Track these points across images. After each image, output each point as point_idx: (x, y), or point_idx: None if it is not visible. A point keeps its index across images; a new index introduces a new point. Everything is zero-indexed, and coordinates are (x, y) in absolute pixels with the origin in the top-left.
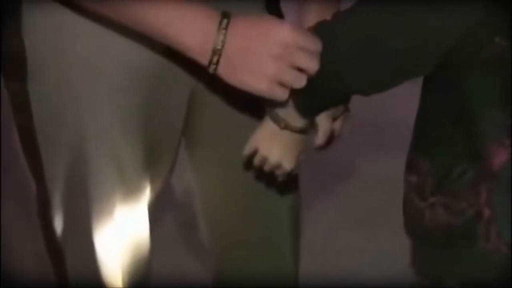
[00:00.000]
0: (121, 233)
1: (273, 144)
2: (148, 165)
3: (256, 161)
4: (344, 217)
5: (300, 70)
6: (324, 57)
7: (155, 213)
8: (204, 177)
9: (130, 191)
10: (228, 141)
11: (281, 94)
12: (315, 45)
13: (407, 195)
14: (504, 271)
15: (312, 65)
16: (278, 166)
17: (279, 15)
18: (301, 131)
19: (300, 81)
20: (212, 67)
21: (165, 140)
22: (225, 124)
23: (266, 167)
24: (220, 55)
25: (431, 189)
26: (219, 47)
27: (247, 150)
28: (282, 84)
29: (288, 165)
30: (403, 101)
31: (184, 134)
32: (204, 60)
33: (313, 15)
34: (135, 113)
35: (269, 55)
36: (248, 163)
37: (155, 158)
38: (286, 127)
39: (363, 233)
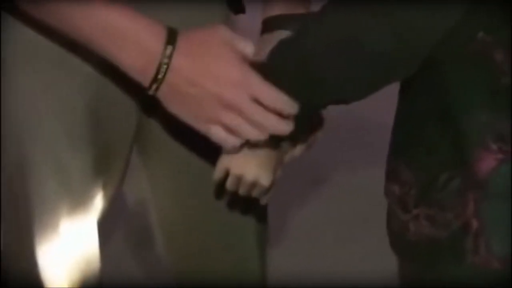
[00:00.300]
0: (68, 248)
1: (246, 162)
2: (97, 173)
3: (230, 183)
4: (329, 220)
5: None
6: (294, 59)
7: (105, 226)
8: (159, 185)
9: (77, 202)
10: (185, 144)
11: (232, 142)
12: (284, 104)
13: (390, 207)
14: (495, 284)
15: (277, 127)
16: (255, 184)
17: (241, 8)
18: (275, 145)
19: (257, 136)
20: (151, 92)
21: (116, 145)
22: (182, 126)
23: (242, 189)
24: (160, 82)
25: (414, 200)
26: (160, 76)
27: (217, 174)
28: (233, 133)
29: (265, 181)
30: (386, 102)
31: (137, 138)
32: (145, 82)
33: (278, 8)
34: (82, 115)
35: (217, 98)
36: (220, 188)
37: (105, 165)
38: (256, 145)
39: (350, 235)
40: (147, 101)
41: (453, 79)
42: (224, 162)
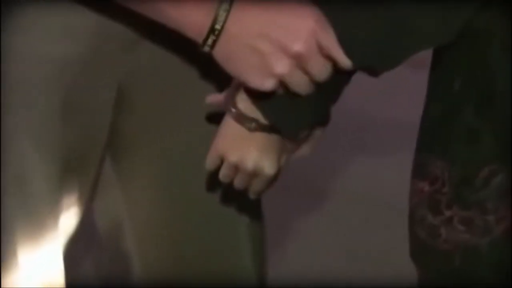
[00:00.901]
0: (28, 279)
1: (245, 148)
2: (62, 184)
3: (224, 173)
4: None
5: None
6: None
7: (72, 253)
8: (137, 200)
9: (40, 219)
10: (167, 151)
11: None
12: (343, 59)
13: (416, 210)
14: None
15: (324, 76)
16: (257, 172)
17: None
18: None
19: (306, 89)
20: (206, 48)
21: (85, 151)
22: (163, 130)
23: (239, 180)
24: (218, 35)
25: (447, 200)
26: (218, 25)
27: (210, 161)
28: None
29: (269, 169)
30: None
31: (111, 144)
32: (200, 36)
33: None
34: (48, 116)
35: (285, 50)
36: (213, 179)
37: (72, 175)
38: (257, 128)
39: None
40: (122, 94)
41: (499, 52)
42: (218, 146)
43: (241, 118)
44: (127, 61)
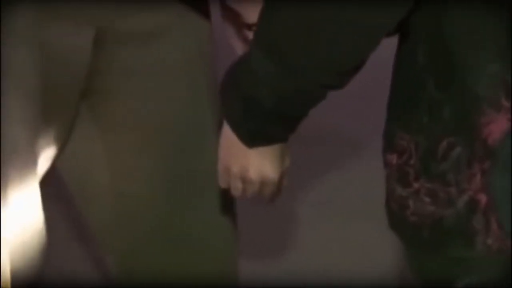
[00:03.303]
0: (14, 212)
1: (245, 157)
2: (38, 127)
3: (234, 186)
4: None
5: None
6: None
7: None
8: (116, 148)
9: (23, 160)
10: (147, 98)
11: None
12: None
13: (388, 182)
14: None
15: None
16: (263, 178)
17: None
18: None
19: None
20: None
21: (62, 94)
22: (143, 77)
23: (250, 189)
24: None
25: (415, 172)
26: None
27: (221, 179)
28: None
29: (272, 173)
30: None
31: (87, 90)
32: None
33: None
34: (24, 63)
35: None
36: (227, 194)
37: (49, 119)
38: None
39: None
40: (101, 39)
41: (452, 20)
42: (224, 162)
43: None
44: (102, 5)
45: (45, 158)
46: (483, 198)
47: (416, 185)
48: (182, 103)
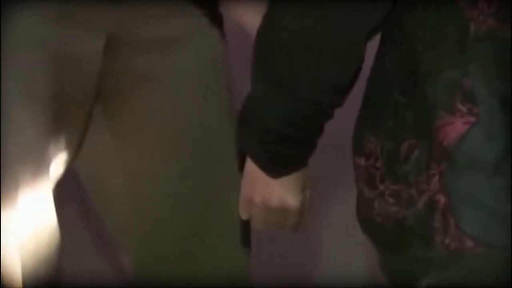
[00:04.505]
0: (27, 216)
1: (268, 187)
2: (51, 133)
3: (256, 217)
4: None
5: None
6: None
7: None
8: (129, 152)
9: (37, 164)
10: (159, 103)
11: None
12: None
13: (358, 184)
14: (477, 271)
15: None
16: (284, 207)
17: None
18: None
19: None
20: None
21: (74, 99)
22: (158, 82)
23: (272, 220)
24: None
25: (380, 174)
26: None
27: (242, 211)
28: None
29: (293, 201)
30: None
31: (100, 95)
32: None
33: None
34: (37, 68)
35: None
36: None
37: (62, 124)
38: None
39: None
40: (112, 44)
41: (416, 26)
42: (246, 194)
43: None
44: (115, 12)
45: (59, 162)
46: (441, 198)
47: (381, 187)
48: (196, 108)
